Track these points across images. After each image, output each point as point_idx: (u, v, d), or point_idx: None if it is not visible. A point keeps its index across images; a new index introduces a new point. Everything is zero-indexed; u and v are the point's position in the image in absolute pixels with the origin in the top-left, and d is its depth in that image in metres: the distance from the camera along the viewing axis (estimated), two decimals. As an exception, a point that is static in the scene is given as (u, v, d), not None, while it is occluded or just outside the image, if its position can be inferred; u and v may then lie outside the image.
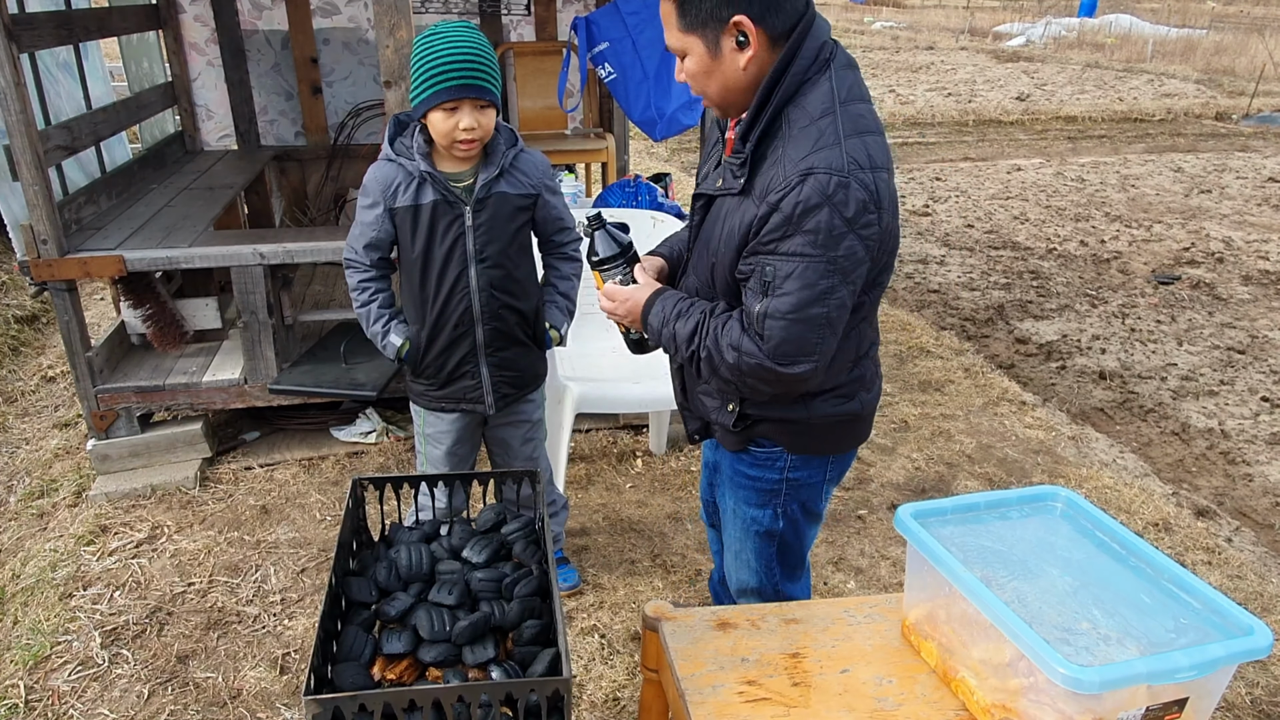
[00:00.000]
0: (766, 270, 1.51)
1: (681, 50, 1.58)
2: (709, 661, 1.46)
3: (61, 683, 2.42)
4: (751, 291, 1.55)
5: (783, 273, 1.49)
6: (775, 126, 1.53)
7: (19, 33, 2.88)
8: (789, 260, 1.48)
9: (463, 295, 2.23)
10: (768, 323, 1.52)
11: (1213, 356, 4.70)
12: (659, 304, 1.70)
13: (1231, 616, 1.24)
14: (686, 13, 1.53)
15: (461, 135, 2.05)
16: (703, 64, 1.56)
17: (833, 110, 1.49)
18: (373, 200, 2.18)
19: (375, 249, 2.23)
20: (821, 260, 1.47)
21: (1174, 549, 3.06)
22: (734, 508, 1.89)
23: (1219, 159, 9.44)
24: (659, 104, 3.50)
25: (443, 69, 2.00)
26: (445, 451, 2.44)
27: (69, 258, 3.03)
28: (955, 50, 19.13)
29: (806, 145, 1.48)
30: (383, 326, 2.28)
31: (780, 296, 1.50)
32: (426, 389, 2.38)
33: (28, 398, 4.05)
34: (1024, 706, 1.24)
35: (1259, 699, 2.43)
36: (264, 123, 4.87)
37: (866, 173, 1.47)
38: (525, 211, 2.27)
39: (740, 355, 1.56)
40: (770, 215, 1.48)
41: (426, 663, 1.40)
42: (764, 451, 1.79)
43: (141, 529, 3.04)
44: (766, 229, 1.49)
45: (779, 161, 1.49)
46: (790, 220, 1.46)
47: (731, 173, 1.59)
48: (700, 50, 1.55)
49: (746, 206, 1.55)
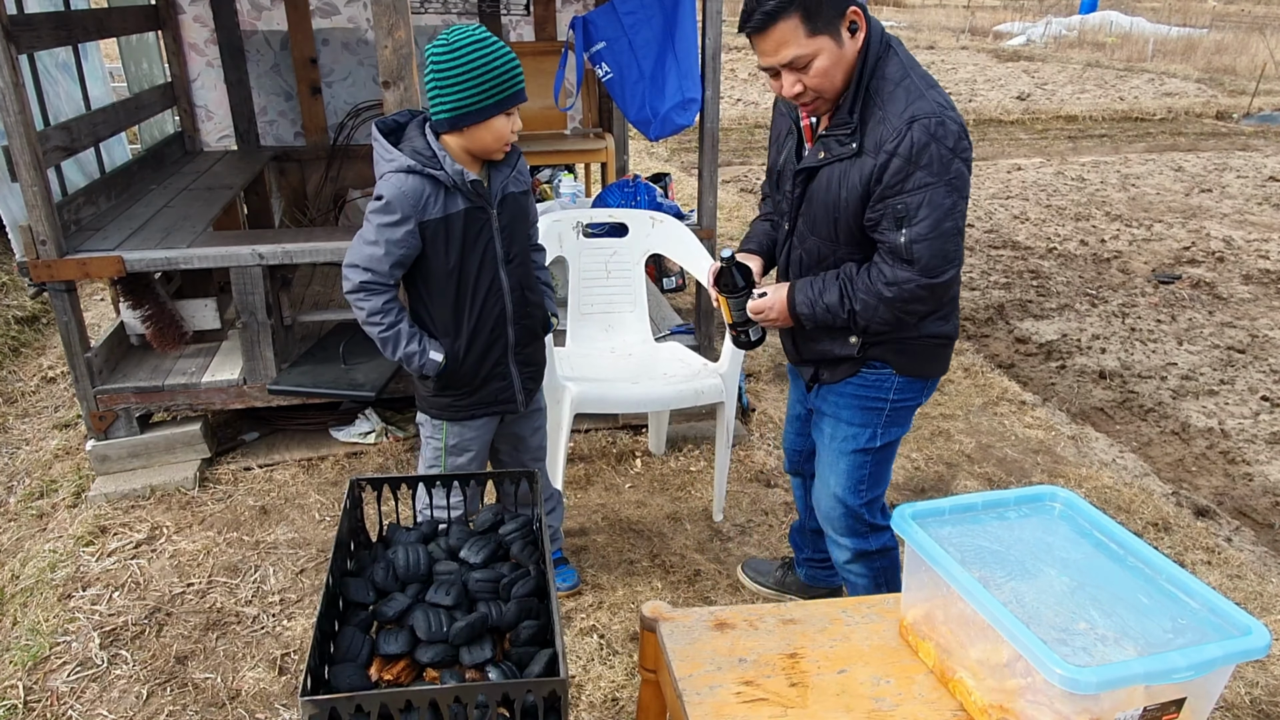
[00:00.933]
0: (898, 207, 1.82)
1: (811, 54, 1.79)
2: (706, 662, 1.46)
3: (60, 683, 2.42)
4: (886, 230, 1.86)
5: (914, 204, 1.80)
6: (865, 97, 1.85)
7: (18, 34, 2.88)
8: (916, 193, 1.80)
9: (497, 299, 2.23)
10: (914, 247, 1.83)
11: (1213, 356, 4.70)
12: (799, 294, 2.02)
13: (1229, 617, 1.24)
14: (814, 18, 1.76)
15: (512, 137, 2.11)
16: (833, 57, 1.81)
17: (908, 74, 1.84)
18: (401, 216, 2.07)
19: (401, 267, 2.14)
20: (941, 184, 1.79)
21: (1174, 549, 3.05)
22: (832, 431, 2.19)
23: (1219, 158, 9.44)
24: (653, 104, 3.50)
25: (508, 74, 2.03)
26: (472, 458, 2.41)
27: (68, 259, 3.03)
28: (956, 49, 19.13)
29: (902, 102, 1.80)
30: (418, 345, 2.18)
31: (917, 224, 1.81)
32: (455, 399, 2.31)
33: (27, 398, 4.06)
34: (1021, 707, 1.24)
35: (1258, 699, 2.43)
36: (263, 123, 4.87)
37: (951, 111, 1.81)
38: (528, 208, 2.31)
39: (899, 287, 1.88)
40: (890, 162, 1.80)
41: (424, 663, 1.40)
42: (875, 374, 2.09)
43: (141, 530, 3.04)
44: (889, 174, 1.80)
45: (883, 120, 1.81)
46: (910, 160, 1.78)
47: (838, 142, 1.89)
48: (830, 46, 1.80)
49: (862, 163, 1.85)
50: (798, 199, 2.03)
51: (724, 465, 3.09)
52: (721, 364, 2.99)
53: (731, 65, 15.77)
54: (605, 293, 3.35)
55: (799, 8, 1.75)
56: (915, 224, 1.82)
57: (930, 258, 1.84)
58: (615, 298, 3.37)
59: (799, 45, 1.78)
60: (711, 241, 3.52)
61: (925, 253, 1.84)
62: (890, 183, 1.81)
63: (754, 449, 3.62)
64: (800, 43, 1.78)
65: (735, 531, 3.11)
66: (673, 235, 3.29)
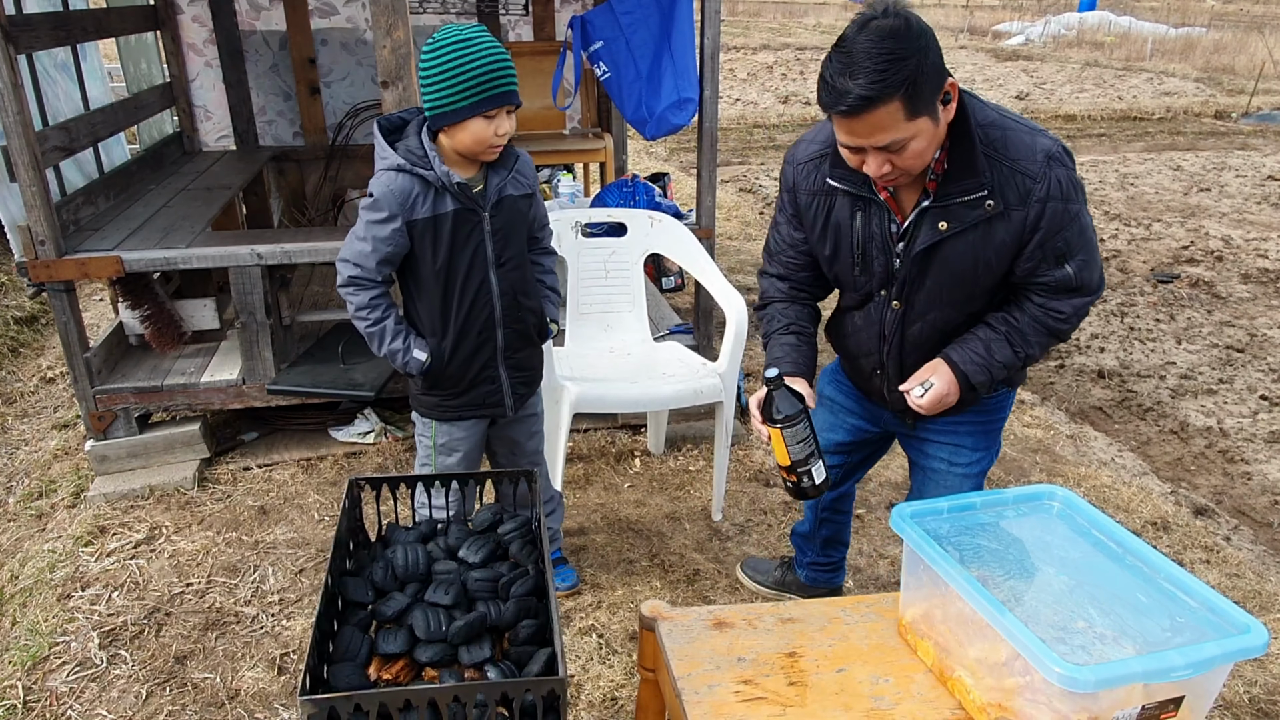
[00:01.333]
0: (1059, 245, 1.75)
1: (909, 136, 1.61)
2: (705, 661, 1.46)
3: (60, 683, 2.42)
4: (1047, 269, 1.78)
5: (1073, 236, 1.75)
6: (984, 151, 1.71)
7: (17, 34, 2.87)
8: (1072, 225, 1.74)
9: (485, 302, 2.22)
10: (1081, 275, 1.78)
11: (1211, 355, 4.70)
12: (967, 367, 1.89)
13: (1228, 615, 1.24)
14: (915, 101, 1.57)
15: (496, 141, 2.06)
16: (929, 137, 1.64)
17: (990, 110, 1.75)
18: (388, 213, 2.09)
19: (388, 264, 2.16)
20: (1081, 202, 1.76)
21: (1172, 548, 3.06)
22: (952, 458, 2.11)
23: (1218, 157, 9.44)
24: (649, 103, 3.50)
25: (487, 76, 1.98)
26: (461, 458, 2.42)
27: (67, 259, 3.03)
28: (955, 49, 19.13)
29: (1022, 143, 1.71)
30: (403, 343, 2.20)
31: (1079, 253, 1.77)
32: (442, 399, 2.33)
33: (26, 399, 4.05)
34: (1020, 705, 1.24)
35: (1257, 697, 2.43)
36: (262, 123, 4.87)
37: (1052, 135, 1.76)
38: (528, 212, 2.29)
39: (1075, 315, 1.83)
40: (1045, 207, 1.71)
41: (423, 662, 1.40)
42: (998, 397, 2.06)
43: (140, 530, 3.04)
44: (1048, 219, 1.72)
45: (1016, 168, 1.71)
46: (1064, 198, 1.71)
47: (967, 207, 1.74)
48: (928, 126, 1.62)
49: (1009, 218, 1.73)
50: (915, 277, 1.86)
51: (723, 465, 3.09)
52: (720, 363, 2.99)
53: (730, 65, 15.77)
54: (604, 292, 3.36)
55: (903, 93, 1.54)
56: (1077, 254, 1.77)
57: (1094, 276, 1.81)
58: (614, 297, 3.37)
59: (899, 130, 1.59)
60: (710, 241, 3.52)
61: (1090, 275, 1.80)
62: (1052, 227, 1.73)
63: (753, 448, 3.62)
64: (900, 127, 1.58)
65: (734, 531, 3.11)
66: (671, 235, 3.29)
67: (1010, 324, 1.86)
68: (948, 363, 1.90)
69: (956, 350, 1.90)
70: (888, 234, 1.84)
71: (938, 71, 1.59)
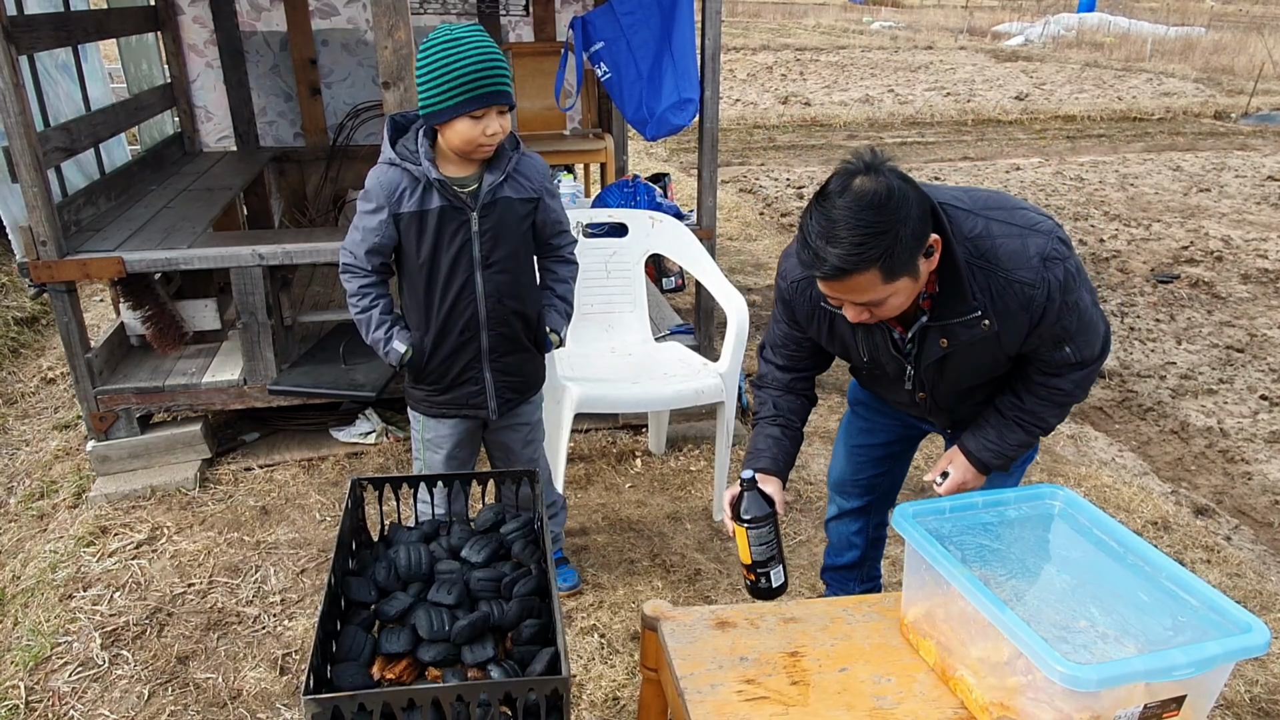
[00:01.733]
0: (1057, 332, 1.74)
1: (886, 296, 1.61)
2: (708, 660, 1.47)
3: (62, 684, 2.42)
4: (1047, 351, 1.79)
5: (1070, 321, 1.74)
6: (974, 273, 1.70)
7: (18, 35, 2.88)
8: (1070, 312, 1.72)
9: (469, 301, 2.22)
10: (1081, 352, 1.79)
11: (1212, 355, 4.71)
12: (983, 454, 1.93)
13: (1229, 614, 1.24)
14: (893, 269, 1.56)
15: (485, 141, 2.06)
16: (909, 292, 1.64)
17: (975, 216, 1.70)
18: (376, 205, 2.14)
19: (377, 254, 2.19)
20: (1080, 287, 1.72)
21: (1173, 547, 3.06)
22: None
23: (1218, 158, 9.44)
24: (650, 104, 3.50)
25: (471, 76, 1.97)
26: (445, 456, 2.43)
27: (68, 259, 3.03)
28: (954, 50, 19.14)
29: (1009, 253, 1.67)
30: (384, 333, 2.23)
31: (1077, 334, 1.76)
32: (428, 395, 2.35)
33: (28, 399, 4.06)
34: (1022, 704, 1.24)
35: (1258, 697, 2.43)
36: (263, 124, 4.88)
37: (1035, 213, 1.73)
38: (528, 216, 2.26)
39: (1079, 385, 1.85)
40: (1045, 309, 1.69)
41: (426, 662, 1.40)
42: None
43: (141, 530, 3.04)
44: (1048, 319, 1.71)
45: (1010, 279, 1.68)
46: (1062, 295, 1.69)
47: (964, 327, 1.75)
48: (907, 284, 1.61)
49: (1007, 327, 1.74)
50: (931, 378, 1.91)
51: (724, 465, 3.09)
52: (721, 363, 2.99)
53: (730, 65, 15.78)
54: (605, 292, 3.36)
55: (880, 264, 1.53)
56: (1076, 337, 1.77)
57: (1093, 351, 1.81)
58: (615, 298, 3.37)
59: (875, 292, 1.59)
60: (711, 241, 3.52)
61: (1090, 352, 1.81)
62: (1050, 321, 1.72)
63: (754, 449, 3.62)
64: (877, 289, 1.58)
65: (735, 531, 3.11)
66: (672, 235, 3.29)
67: (1018, 408, 1.90)
68: (964, 451, 1.96)
69: (972, 439, 1.95)
70: (891, 345, 1.86)
71: (917, 237, 1.57)
